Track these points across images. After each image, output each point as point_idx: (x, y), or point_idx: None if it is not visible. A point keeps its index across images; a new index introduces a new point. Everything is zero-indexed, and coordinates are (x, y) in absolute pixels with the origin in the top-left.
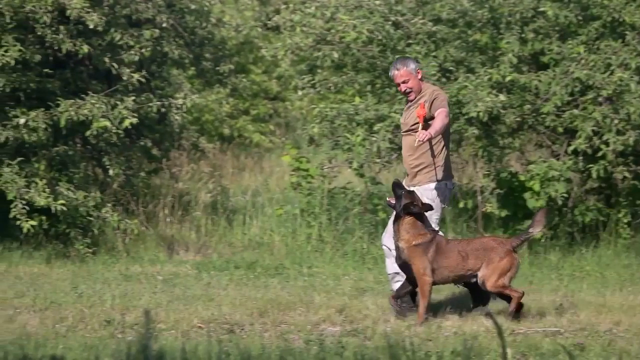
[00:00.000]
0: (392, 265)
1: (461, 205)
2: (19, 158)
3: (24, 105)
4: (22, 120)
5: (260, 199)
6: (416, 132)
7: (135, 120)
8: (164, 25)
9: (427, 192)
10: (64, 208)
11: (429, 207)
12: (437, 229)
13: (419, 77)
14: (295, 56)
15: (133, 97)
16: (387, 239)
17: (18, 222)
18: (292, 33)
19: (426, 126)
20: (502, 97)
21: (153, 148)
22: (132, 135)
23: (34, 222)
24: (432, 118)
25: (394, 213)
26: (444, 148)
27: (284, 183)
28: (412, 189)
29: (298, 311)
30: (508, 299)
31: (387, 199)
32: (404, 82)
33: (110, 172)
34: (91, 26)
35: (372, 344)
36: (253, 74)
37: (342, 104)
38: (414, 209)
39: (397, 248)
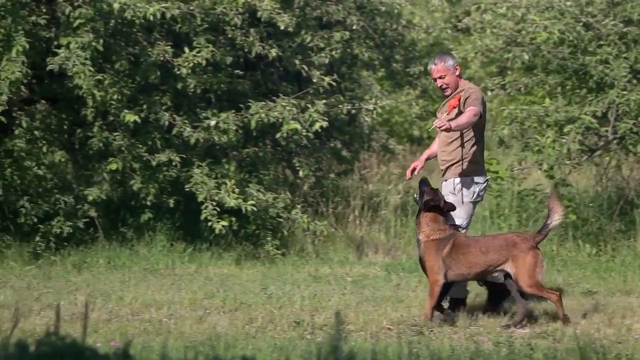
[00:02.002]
0: None
1: None
2: (209, 159)
3: (215, 106)
4: (212, 122)
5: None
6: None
7: (325, 124)
8: (355, 27)
9: (452, 186)
10: (254, 209)
11: (452, 207)
12: (466, 224)
13: (457, 73)
14: (485, 58)
15: (324, 101)
16: None
17: (209, 223)
18: (482, 35)
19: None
20: None
21: (343, 150)
22: (321, 137)
23: (225, 223)
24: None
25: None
26: (474, 145)
27: None
28: (442, 183)
29: (487, 313)
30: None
31: (414, 195)
32: (440, 78)
33: (300, 173)
34: (282, 27)
35: (562, 346)
36: None
37: (532, 106)
38: (435, 204)
39: (417, 242)
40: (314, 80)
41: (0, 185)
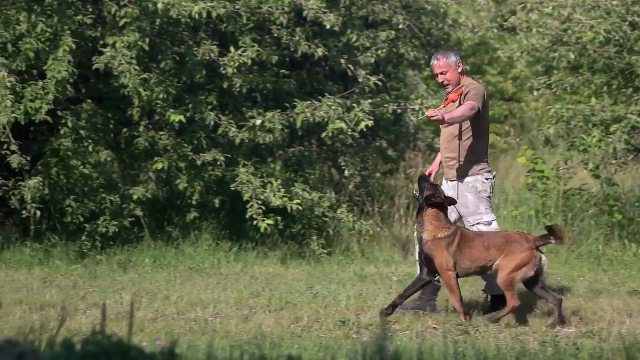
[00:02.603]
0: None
1: None
2: (255, 159)
3: (260, 106)
4: (258, 121)
5: (496, 199)
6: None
7: (370, 123)
8: (400, 26)
9: (464, 185)
10: (300, 208)
11: (453, 201)
12: (492, 218)
13: (459, 70)
14: (531, 57)
15: (369, 100)
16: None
17: (255, 222)
18: (528, 34)
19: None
20: None
21: (388, 149)
22: (367, 136)
23: (270, 222)
24: None
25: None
26: (476, 142)
27: (519, 184)
28: (450, 183)
29: (533, 312)
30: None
31: (414, 192)
32: (442, 74)
33: (346, 172)
34: (327, 27)
35: (608, 346)
36: (488, 75)
37: (578, 105)
38: (436, 200)
39: (420, 240)
40: (360, 80)
41: (46, 184)
